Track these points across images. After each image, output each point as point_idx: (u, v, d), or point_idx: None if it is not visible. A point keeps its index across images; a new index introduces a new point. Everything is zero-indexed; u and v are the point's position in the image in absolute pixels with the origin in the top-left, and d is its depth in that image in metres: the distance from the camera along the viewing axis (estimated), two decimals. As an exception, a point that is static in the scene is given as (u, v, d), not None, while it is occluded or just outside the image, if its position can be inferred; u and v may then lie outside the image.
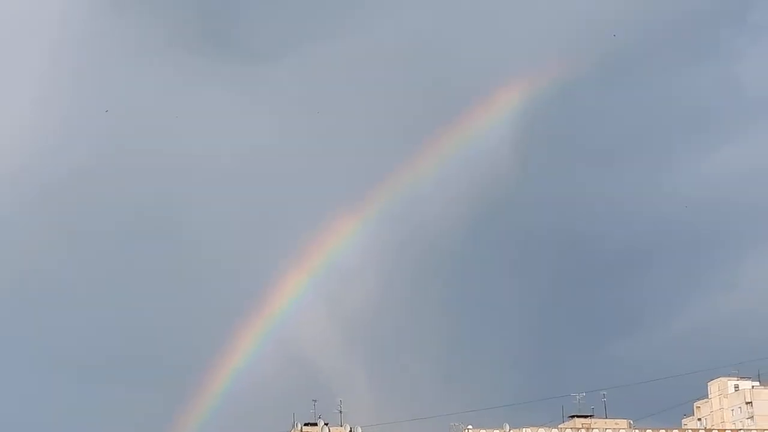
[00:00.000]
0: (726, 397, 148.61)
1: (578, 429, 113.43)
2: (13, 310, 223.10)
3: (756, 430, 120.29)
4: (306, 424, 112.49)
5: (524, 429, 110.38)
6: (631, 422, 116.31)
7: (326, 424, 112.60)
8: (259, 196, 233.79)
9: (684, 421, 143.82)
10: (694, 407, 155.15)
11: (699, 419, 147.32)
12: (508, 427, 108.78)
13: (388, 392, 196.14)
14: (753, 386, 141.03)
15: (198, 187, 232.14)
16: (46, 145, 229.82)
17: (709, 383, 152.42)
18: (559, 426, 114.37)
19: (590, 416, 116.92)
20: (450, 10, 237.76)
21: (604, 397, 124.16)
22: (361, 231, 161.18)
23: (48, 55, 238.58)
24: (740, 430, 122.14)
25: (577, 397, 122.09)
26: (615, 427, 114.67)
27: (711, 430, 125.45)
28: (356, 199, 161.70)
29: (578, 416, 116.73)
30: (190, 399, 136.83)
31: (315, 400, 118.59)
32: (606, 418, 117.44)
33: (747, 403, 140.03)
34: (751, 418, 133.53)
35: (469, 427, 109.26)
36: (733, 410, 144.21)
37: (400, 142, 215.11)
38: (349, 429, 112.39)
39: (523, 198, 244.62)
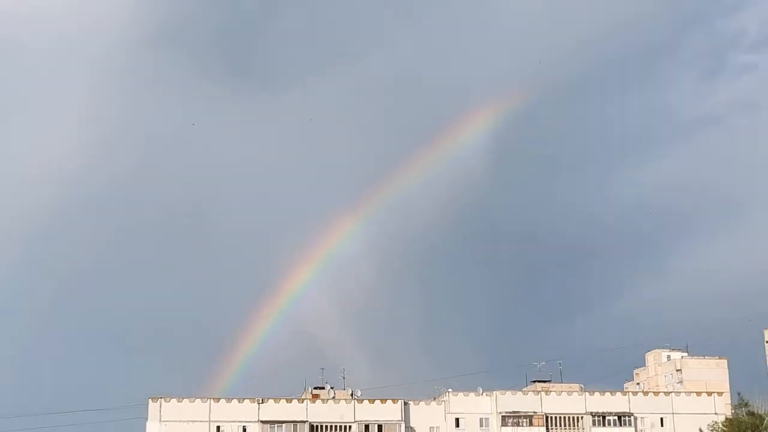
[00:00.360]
0: (660, 366, 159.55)
1: (538, 392, 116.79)
2: (77, 294, 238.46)
3: (684, 392, 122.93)
4: (315, 388, 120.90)
5: (494, 391, 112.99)
6: (582, 386, 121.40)
7: (332, 388, 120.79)
8: (272, 201, 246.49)
9: (626, 385, 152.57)
10: (634, 374, 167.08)
11: (638, 383, 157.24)
12: (481, 390, 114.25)
13: (381, 362, 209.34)
14: (682, 356, 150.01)
15: (221, 194, 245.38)
16: (93, 157, 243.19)
17: (646, 354, 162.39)
18: (523, 389, 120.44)
19: (548, 381, 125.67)
20: (431, 45, 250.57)
21: (560, 366, 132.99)
22: (356, 230, 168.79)
23: (94, 81, 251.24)
24: (671, 392, 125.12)
25: (538, 365, 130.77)
26: (569, 390, 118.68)
27: (647, 392, 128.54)
28: (352, 203, 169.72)
29: (539, 381, 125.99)
30: (221, 366, 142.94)
31: (323, 368, 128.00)
32: (561, 382, 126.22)
33: (677, 370, 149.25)
34: (681, 382, 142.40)
35: (449, 390, 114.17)
36: (665, 376, 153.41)
37: (389, 156, 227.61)
38: (350, 392, 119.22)
39: (491, 202, 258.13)
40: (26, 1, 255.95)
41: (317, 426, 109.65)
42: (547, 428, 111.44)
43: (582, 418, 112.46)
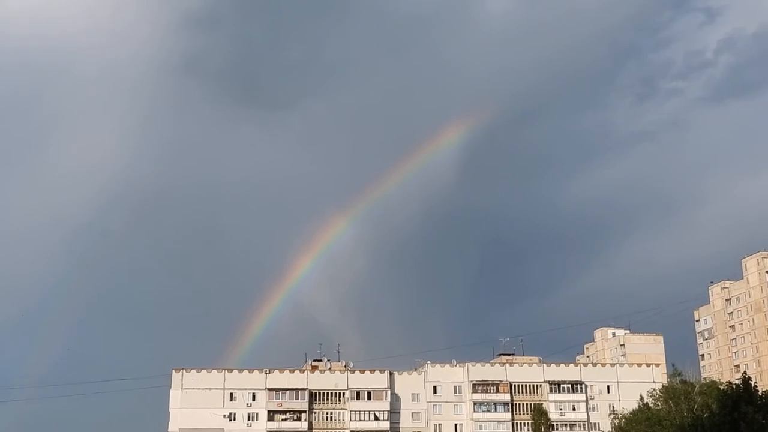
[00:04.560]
0: (606, 341, 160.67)
1: (504, 363, 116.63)
2: (111, 281, 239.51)
3: (627, 363, 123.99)
4: (314, 360, 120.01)
5: (466, 363, 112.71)
6: (541, 358, 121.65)
7: (328, 360, 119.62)
8: (276, 205, 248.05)
9: (577, 357, 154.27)
10: (584, 348, 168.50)
11: (587, 356, 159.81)
12: (455, 362, 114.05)
13: (370, 339, 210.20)
14: (625, 333, 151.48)
15: (233, 198, 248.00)
16: (125, 165, 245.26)
17: (594, 331, 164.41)
18: (491, 361, 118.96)
19: (512, 354, 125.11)
20: (412, 74, 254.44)
21: (522, 341, 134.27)
22: (347, 229, 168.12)
23: (127, 103, 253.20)
24: (616, 364, 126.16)
25: (503, 341, 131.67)
26: (529, 362, 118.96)
27: (596, 364, 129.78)
28: (343, 206, 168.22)
29: (504, 354, 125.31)
30: (234, 341, 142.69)
31: (320, 344, 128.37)
32: (523, 355, 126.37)
33: (621, 345, 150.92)
34: (624, 355, 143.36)
35: (428, 362, 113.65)
36: (611, 350, 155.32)
37: (374, 166, 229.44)
38: (344, 364, 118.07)
39: (461, 206, 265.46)
40: (73, 38, 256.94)
41: (316, 393, 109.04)
42: (511, 395, 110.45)
43: (540, 385, 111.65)
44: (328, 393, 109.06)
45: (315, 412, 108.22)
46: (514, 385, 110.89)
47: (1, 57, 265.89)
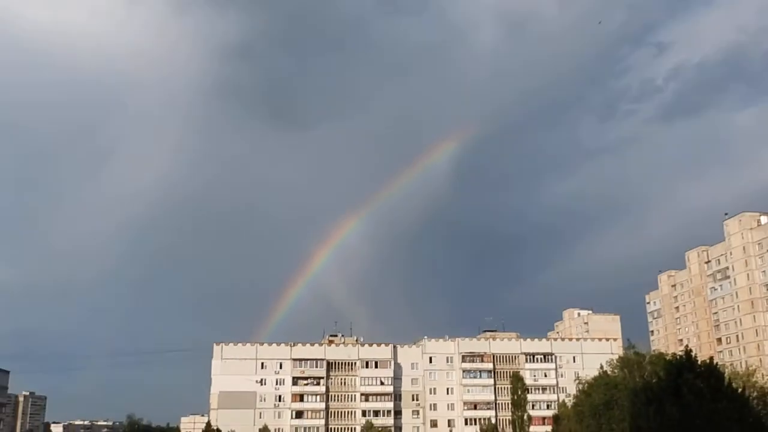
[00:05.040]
0: (573, 320, 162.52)
1: (488, 338, 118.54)
2: (166, 270, 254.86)
3: (590, 338, 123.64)
4: (330, 335, 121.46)
5: (457, 338, 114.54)
6: (518, 334, 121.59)
7: (342, 335, 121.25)
8: (299, 206, 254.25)
9: (549, 333, 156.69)
10: (555, 325, 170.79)
11: (557, 332, 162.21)
12: (447, 337, 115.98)
13: (377, 317, 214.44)
14: (588, 314, 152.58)
15: (265, 200, 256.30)
16: (176, 175, 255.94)
17: (563, 312, 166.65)
18: (477, 336, 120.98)
19: (495, 331, 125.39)
20: (413, 98, 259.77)
21: (503, 320, 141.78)
22: (358, 225, 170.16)
23: (177, 122, 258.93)
24: (580, 339, 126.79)
25: (487, 319, 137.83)
26: (509, 337, 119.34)
27: (564, 339, 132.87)
28: (355, 207, 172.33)
29: (488, 330, 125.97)
30: (266, 319, 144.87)
31: (336, 322, 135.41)
32: (504, 331, 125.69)
33: (585, 323, 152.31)
34: (587, 331, 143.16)
35: (425, 337, 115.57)
36: (576, 327, 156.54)
37: (381, 174, 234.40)
38: (355, 338, 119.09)
39: (453, 207, 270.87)
40: (124, 72, 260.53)
41: (332, 362, 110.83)
42: (494, 364, 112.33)
43: (518, 356, 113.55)
44: (342, 362, 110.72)
45: (331, 378, 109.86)
46: (496, 356, 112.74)
47: (65, 91, 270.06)
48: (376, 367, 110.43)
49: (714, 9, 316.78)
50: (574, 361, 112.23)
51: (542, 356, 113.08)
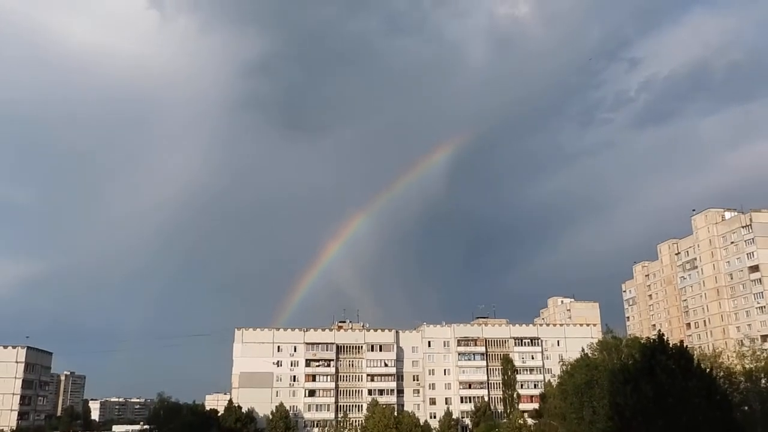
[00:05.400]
0: (557, 307, 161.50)
1: (480, 324, 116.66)
2: (193, 262, 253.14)
3: (572, 324, 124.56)
4: (340, 321, 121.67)
5: (452, 324, 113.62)
6: (508, 320, 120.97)
7: (350, 321, 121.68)
8: (313, 205, 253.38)
9: (535, 319, 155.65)
10: (540, 312, 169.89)
11: (543, 318, 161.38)
12: (444, 323, 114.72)
13: (381, 306, 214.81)
14: (570, 301, 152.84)
15: (282, 201, 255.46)
16: (203, 178, 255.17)
17: (548, 299, 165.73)
18: (471, 322, 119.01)
19: (487, 317, 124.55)
20: (412, 107, 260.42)
21: (494, 307, 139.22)
22: (364, 222, 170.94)
23: (202, 130, 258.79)
24: (564, 324, 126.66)
25: (480, 307, 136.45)
26: (500, 323, 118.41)
27: (549, 324, 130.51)
28: (362, 206, 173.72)
29: (480, 317, 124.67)
30: (280, 306, 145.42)
31: (344, 309, 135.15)
32: (495, 318, 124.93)
33: (568, 310, 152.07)
34: (570, 317, 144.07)
35: (424, 323, 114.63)
36: (560, 314, 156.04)
37: (385, 176, 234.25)
38: (362, 324, 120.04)
39: (450, 207, 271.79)
40: (156, 83, 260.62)
41: (341, 346, 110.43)
42: (486, 347, 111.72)
43: (508, 340, 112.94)
44: (350, 346, 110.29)
45: (340, 360, 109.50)
46: (488, 341, 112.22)
47: (99, 109, 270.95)
48: (381, 350, 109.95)
49: (681, 28, 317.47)
50: (558, 345, 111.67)
51: (529, 340, 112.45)
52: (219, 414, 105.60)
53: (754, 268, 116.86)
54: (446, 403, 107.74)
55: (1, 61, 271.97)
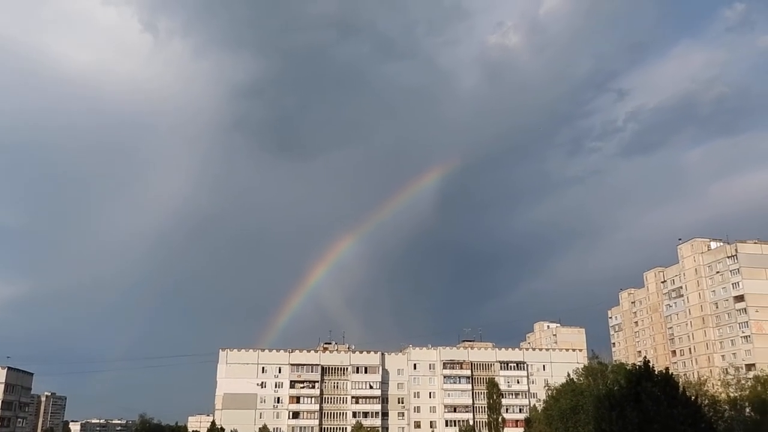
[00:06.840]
0: (543, 332, 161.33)
1: (467, 347, 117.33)
2: (182, 284, 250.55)
3: (558, 349, 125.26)
4: (325, 343, 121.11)
5: (438, 347, 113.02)
6: (494, 344, 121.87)
7: (336, 343, 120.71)
8: (302, 226, 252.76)
9: (521, 344, 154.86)
10: (526, 336, 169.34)
11: (529, 343, 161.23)
12: (430, 345, 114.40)
13: (367, 327, 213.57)
14: (556, 326, 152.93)
15: (271, 222, 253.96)
16: (194, 197, 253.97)
17: (534, 324, 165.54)
18: (457, 345, 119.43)
19: (473, 340, 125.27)
20: (404, 133, 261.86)
21: (480, 331, 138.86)
22: (353, 245, 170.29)
23: (194, 152, 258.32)
24: (550, 349, 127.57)
25: (466, 330, 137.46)
26: (486, 346, 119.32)
27: (535, 348, 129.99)
28: (351, 228, 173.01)
29: (467, 340, 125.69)
30: (267, 328, 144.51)
31: (330, 330, 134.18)
32: (481, 341, 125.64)
33: (553, 335, 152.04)
34: (556, 342, 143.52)
35: (410, 345, 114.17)
36: (546, 338, 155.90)
37: (374, 198, 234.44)
38: (348, 346, 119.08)
39: (437, 228, 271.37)
40: (150, 106, 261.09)
41: (326, 367, 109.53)
42: (472, 371, 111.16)
43: (493, 364, 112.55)
44: (335, 368, 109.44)
45: (325, 382, 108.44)
46: (474, 364, 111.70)
47: (103, 135, 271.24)
48: (366, 372, 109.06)
49: (668, 60, 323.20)
50: (544, 369, 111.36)
51: (515, 364, 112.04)
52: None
53: (740, 298, 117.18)
54: (431, 427, 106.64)
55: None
